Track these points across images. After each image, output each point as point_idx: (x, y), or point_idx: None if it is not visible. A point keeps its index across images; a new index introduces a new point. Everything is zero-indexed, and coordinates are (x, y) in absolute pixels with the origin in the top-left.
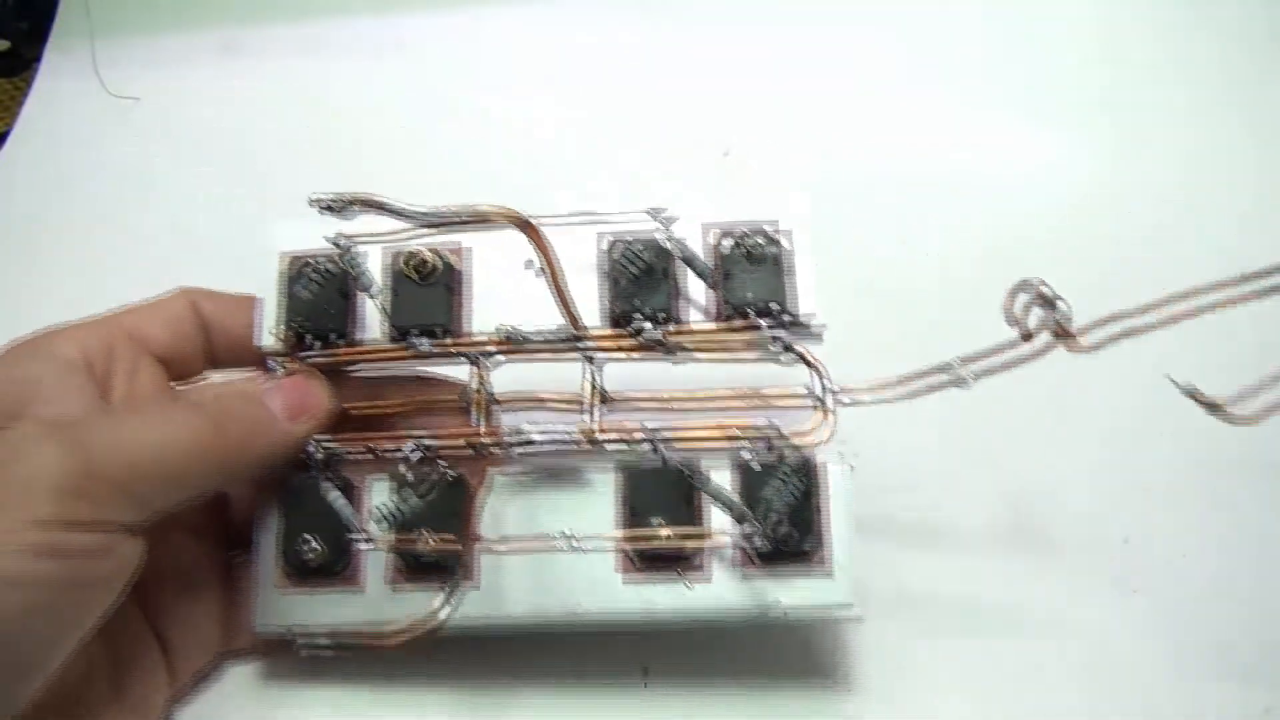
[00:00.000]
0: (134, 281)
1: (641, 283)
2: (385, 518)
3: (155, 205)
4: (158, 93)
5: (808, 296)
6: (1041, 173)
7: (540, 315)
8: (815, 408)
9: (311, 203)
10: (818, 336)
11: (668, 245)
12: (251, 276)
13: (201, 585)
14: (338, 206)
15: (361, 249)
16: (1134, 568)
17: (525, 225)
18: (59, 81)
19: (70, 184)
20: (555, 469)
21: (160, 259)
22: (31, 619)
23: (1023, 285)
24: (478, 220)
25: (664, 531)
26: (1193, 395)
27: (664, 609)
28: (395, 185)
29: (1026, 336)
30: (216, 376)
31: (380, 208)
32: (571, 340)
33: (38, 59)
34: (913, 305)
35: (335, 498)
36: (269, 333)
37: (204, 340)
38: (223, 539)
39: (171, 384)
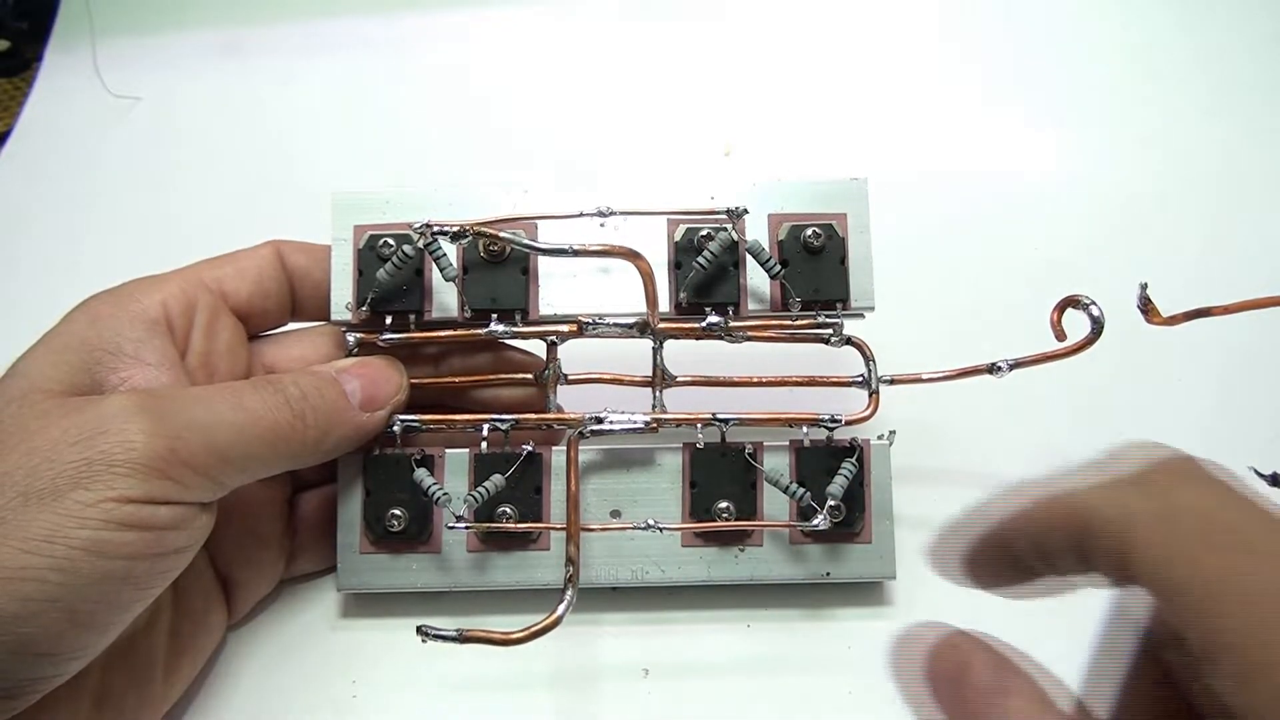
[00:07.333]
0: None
1: (710, 274)
2: (473, 502)
3: (155, 205)
4: (158, 93)
5: (863, 286)
6: (1053, 171)
7: (608, 293)
8: (870, 391)
9: (443, 233)
10: (860, 315)
11: (735, 238)
12: None
13: (265, 525)
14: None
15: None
16: None
17: (636, 258)
18: (59, 81)
19: (70, 184)
20: (625, 449)
21: (161, 259)
22: (109, 584)
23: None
24: (593, 254)
25: (726, 518)
26: None
27: (720, 577)
28: (396, 185)
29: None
30: (296, 326)
31: (506, 241)
32: (642, 327)
33: (38, 59)
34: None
35: (423, 477)
36: (344, 308)
37: (288, 293)
38: (285, 478)
39: (249, 339)
